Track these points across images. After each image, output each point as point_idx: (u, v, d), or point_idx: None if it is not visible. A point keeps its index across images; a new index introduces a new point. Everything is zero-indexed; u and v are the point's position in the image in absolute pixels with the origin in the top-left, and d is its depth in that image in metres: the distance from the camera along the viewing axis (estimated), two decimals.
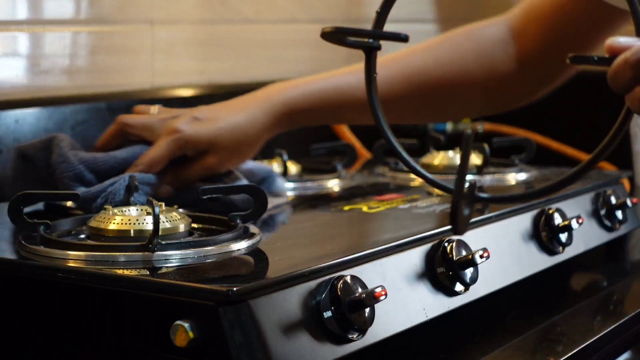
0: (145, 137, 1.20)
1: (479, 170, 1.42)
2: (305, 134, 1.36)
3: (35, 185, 1.13)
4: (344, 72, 1.26)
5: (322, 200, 1.28)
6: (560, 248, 1.20)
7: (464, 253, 1.01)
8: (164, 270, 0.90)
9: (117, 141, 1.21)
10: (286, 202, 1.24)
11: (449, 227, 1.05)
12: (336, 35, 0.82)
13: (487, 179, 1.38)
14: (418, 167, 0.82)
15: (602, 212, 1.33)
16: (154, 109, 1.24)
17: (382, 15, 0.84)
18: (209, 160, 1.19)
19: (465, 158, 0.71)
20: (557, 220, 1.20)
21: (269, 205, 1.06)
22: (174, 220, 0.98)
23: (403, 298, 0.95)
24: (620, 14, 1.15)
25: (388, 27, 0.86)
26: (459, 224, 0.72)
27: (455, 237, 1.03)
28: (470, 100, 1.30)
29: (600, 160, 0.73)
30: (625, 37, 0.75)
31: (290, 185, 1.34)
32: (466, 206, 0.73)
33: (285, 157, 1.39)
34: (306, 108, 1.23)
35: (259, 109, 1.22)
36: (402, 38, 0.84)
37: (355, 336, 0.86)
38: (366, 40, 0.85)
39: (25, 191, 0.99)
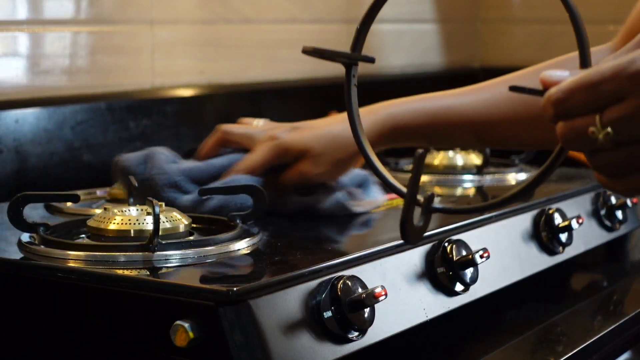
0: (244, 145, 1.19)
1: (479, 170, 1.42)
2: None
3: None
4: (455, 93, 1.23)
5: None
6: (560, 248, 1.21)
7: (464, 253, 1.01)
8: (164, 270, 0.90)
9: (218, 150, 1.21)
10: (379, 205, 1.22)
11: (449, 227, 1.05)
12: (315, 54, 0.85)
13: (487, 179, 1.38)
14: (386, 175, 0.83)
15: (602, 212, 1.33)
16: (258, 121, 1.24)
17: (362, 32, 0.87)
18: (304, 166, 1.17)
19: (416, 174, 0.73)
20: (557, 220, 1.20)
21: (365, 209, 1.10)
22: (174, 220, 0.98)
23: (403, 298, 0.95)
24: None
25: (389, 27, 0.86)
26: (409, 234, 0.73)
27: (455, 237, 1.03)
28: None
29: (526, 193, 0.73)
30: (561, 71, 0.72)
31: None
32: (422, 216, 0.74)
33: None
34: (413, 124, 1.20)
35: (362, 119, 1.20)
36: (370, 60, 0.90)
37: (355, 336, 0.86)
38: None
39: (24, 192, 0.99)
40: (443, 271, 1.00)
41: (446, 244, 1.01)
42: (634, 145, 0.68)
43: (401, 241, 0.98)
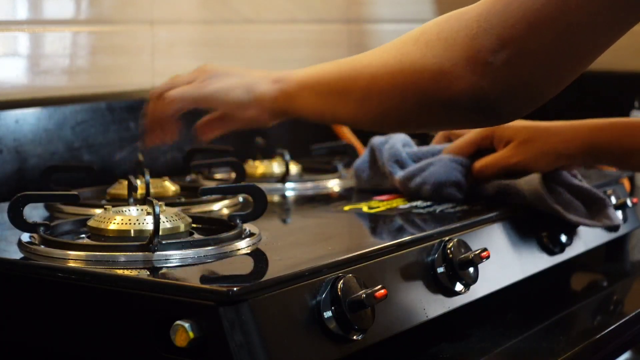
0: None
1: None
2: (305, 134, 1.36)
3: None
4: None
5: (322, 200, 1.28)
6: (560, 248, 1.20)
7: (464, 253, 1.01)
8: (164, 270, 0.90)
9: (445, 140, 1.30)
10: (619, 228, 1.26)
11: (449, 227, 1.05)
12: None
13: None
14: None
15: None
16: None
17: None
18: (508, 152, 1.21)
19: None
20: (557, 220, 1.20)
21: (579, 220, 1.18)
22: (174, 220, 0.98)
23: (403, 298, 0.95)
24: None
25: (389, 27, 0.86)
26: None
27: (455, 237, 1.03)
28: None
29: None
30: None
31: (290, 185, 1.34)
32: None
33: (287, 157, 1.39)
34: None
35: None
36: None
37: (355, 336, 0.86)
38: None
39: (24, 192, 0.99)
40: (443, 271, 1.00)
41: (446, 244, 1.01)
42: None
43: (401, 240, 0.98)
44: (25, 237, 0.98)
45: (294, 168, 1.41)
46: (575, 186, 1.22)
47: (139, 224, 0.97)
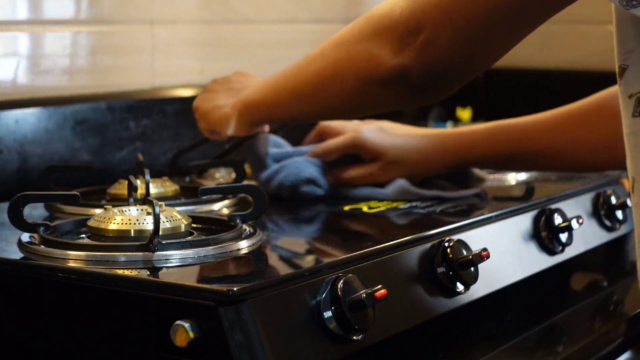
0: (338, 135, 1.29)
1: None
2: (304, 134, 1.36)
3: None
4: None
5: (323, 200, 1.28)
6: (560, 248, 1.20)
7: (464, 253, 1.01)
8: (164, 270, 0.90)
9: (318, 140, 1.32)
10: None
11: (449, 227, 1.05)
12: None
13: (489, 179, 1.38)
14: None
15: (602, 212, 1.33)
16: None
17: None
18: (374, 169, 1.25)
19: None
20: (557, 220, 1.20)
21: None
22: (175, 220, 0.98)
23: (403, 298, 0.95)
24: None
25: None
26: None
27: (455, 237, 1.03)
28: None
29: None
30: None
31: None
32: None
33: None
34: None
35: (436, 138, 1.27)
36: None
37: (355, 336, 0.86)
38: None
39: (24, 192, 0.99)
40: (443, 271, 1.00)
41: (446, 244, 1.01)
42: None
43: (401, 240, 0.98)
44: (25, 237, 0.98)
45: None
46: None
47: (139, 224, 0.97)
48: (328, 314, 0.85)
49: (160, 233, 0.92)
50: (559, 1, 0.91)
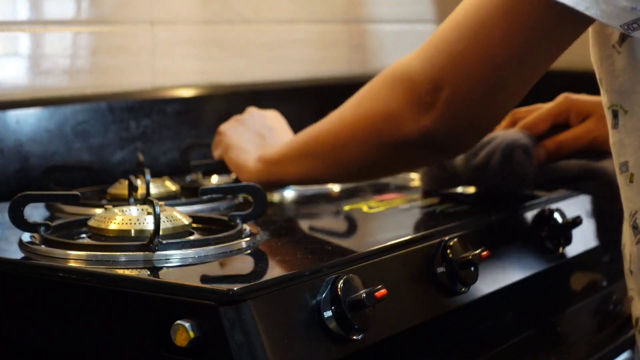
0: None
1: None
2: None
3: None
4: None
5: (322, 200, 1.28)
6: (560, 248, 1.21)
7: (464, 253, 1.01)
8: (164, 270, 0.90)
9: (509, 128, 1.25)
10: None
11: (449, 227, 1.05)
12: None
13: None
14: None
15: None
16: None
17: None
18: (588, 124, 1.19)
19: None
20: (557, 220, 1.20)
21: None
22: (175, 220, 0.98)
23: (403, 298, 0.95)
24: None
25: (389, 27, 0.87)
26: None
27: (455, 237, 1.03)
28: None
29: None
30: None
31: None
32: None
33: None
34: None
35: None
36: None
37: (355, 336, 0.87)
38: None
39: (25, 192, 1.00)
40: (443, 271, 1.00)
41: (446, 244, 1.01)
42: None
43: (401, 240, 0.98)
44: (26, 237, 0.98)
45: None
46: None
47: (140, 223, 0.97)
48: (328, 313, 0.85)
49: (161, 233, 0.92)
50: (569, 36, 0.90)
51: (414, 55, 0.97)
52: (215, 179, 1.40)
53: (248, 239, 0.98)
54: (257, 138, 1.27)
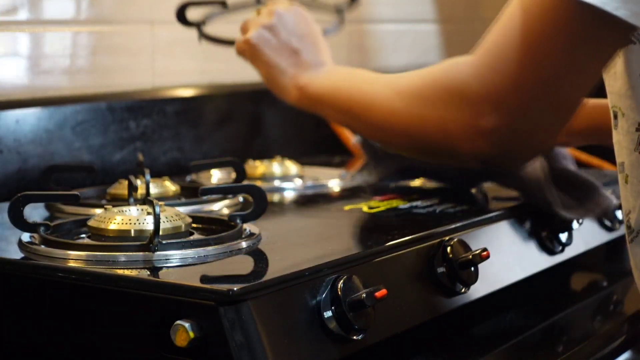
0: None
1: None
2: (304, 133, 1.36)
3: None
4: None
5: (322, 200, 1.28)
6: (560, 248, 1.21)
7: (464, 253, 1.01)
8: (164, 270, 0.90)
9: None
10: None
11: (449, 227, 1.05)
12: None
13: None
14: None
15: None
16: None
17: None
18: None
19: None
20: (557, 220, 1.20)
21: None
22: (175, 220, 0.98)
23: (403, 298, 0.95)
24: None
25: (388, 27, 0.86)
26: None
27: (455, 237, 1.03)
28: None
29: None
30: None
31: (290, 185, 1.34)
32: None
33: (286, 157, 1.39)
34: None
35: None
36: None
37: (355, 336, 0.87)
38: None
39: (24, 192, 1.00)
40: (443, 271, 1.00)
41: (446, 244, 1.01)
42: None
43: (401, 240, 0.98)
44: (26, 237, 0.98)
45: (293, 168, 1.41)
46: (572, 172, 1.22)
47: (139, 224, 0.97)
48: (328, 314, 0.85)
49: (161, 233, 0.92)
50: (609, 43, 0.88)
51: (468, 69, 0.92)
52: (215, 179, 1.40)
53: (248, 239, 0.98)
54: (291, 55, 1.22)
